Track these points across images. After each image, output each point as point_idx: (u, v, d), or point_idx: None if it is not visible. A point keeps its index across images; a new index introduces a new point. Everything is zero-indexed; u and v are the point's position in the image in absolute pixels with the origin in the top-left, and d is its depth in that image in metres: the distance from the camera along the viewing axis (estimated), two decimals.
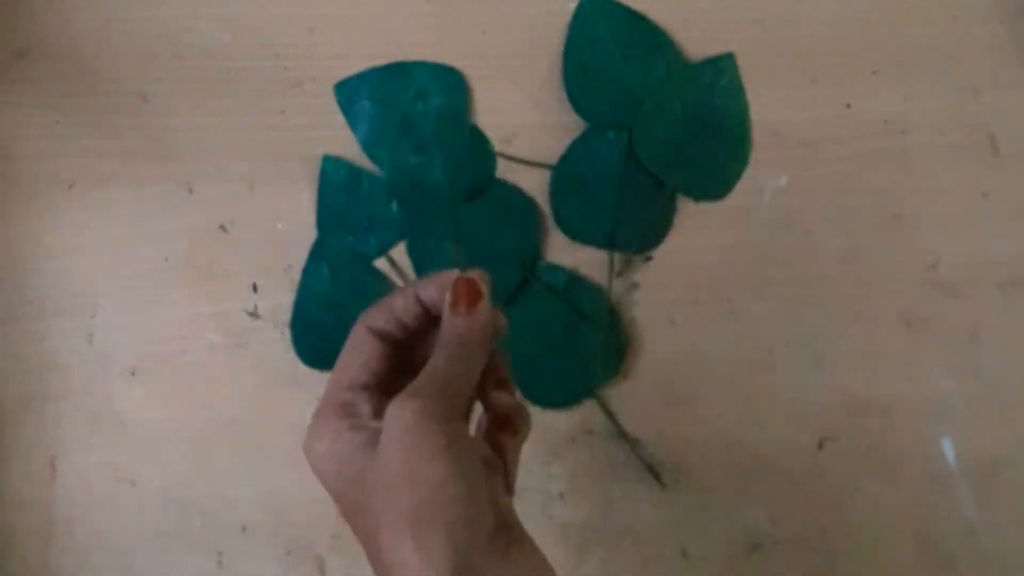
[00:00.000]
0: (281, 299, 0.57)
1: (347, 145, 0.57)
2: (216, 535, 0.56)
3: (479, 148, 0.57)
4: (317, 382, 0.56)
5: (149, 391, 0.57)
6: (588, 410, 0.56)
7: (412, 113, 0.46)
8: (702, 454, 0.56)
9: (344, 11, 0.58)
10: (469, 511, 0.35)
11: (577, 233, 0.57)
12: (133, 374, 0.57)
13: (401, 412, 0.36)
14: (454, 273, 0.40)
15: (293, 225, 0.57)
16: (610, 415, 0.56)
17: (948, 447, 0.56)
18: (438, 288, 0.40)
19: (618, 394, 0.56)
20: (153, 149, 0.58)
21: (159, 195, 0.57)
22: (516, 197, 0.57)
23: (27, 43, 0.58)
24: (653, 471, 0.55)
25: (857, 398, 0.56)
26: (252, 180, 0.58)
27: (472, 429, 0.42)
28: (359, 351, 0.40)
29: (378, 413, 0.38)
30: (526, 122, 0.57)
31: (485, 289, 0.40)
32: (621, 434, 0.56)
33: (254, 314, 0.57)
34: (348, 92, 0.58)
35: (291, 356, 0.57)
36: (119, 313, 0.57)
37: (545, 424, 0.56)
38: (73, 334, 0.57)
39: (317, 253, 0.57)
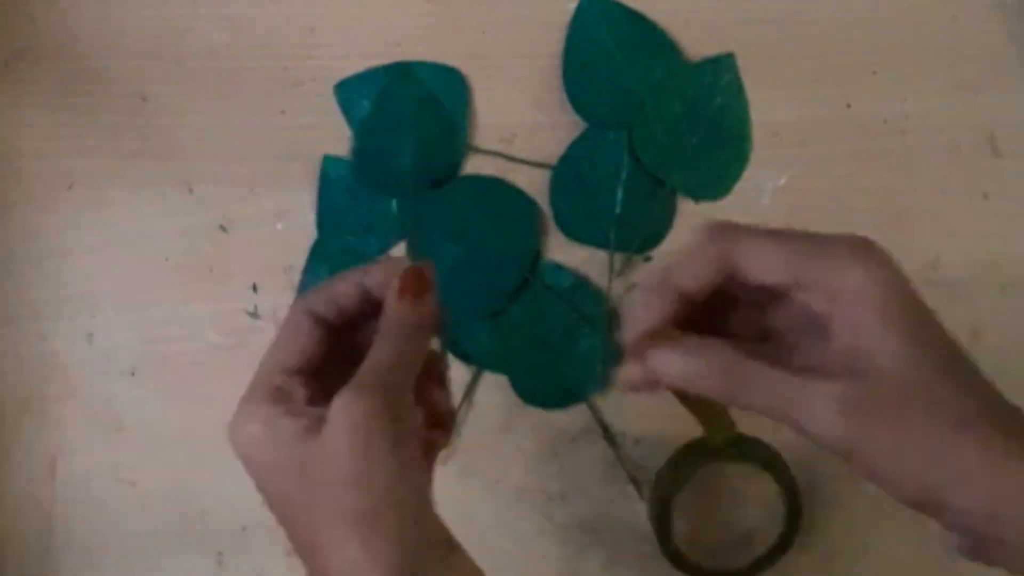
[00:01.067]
0: (281, 299, 0.57)
1: (347, 145, 0.57)
2: (216, 535, 0.56)
3: (452, 137, 0.56)
4: None
5: (149, 391, 0.57)
6: (588, 411, 0.56)
7: (392, 95, 0.45)
8: None
9: (344, 11, 0.58)
10: (417, 515, 0.35)
11: (577, 233, 0.57)
12: (133, 374, 0.57)
13: (348, 408, 0.34)
14: (401, 261, 0.39)
15: (293, 225, 0.57)
16: (601, 423, 0.56)
17: None
18: (383, 274, 0.39)
19: (618, 394, 0.56)
20: (153, 149, 0.58)
21: (159, 195, 0.57)
22: (516, 197, 0.57)
23: (27, 43, 0.58)
24: (635, 482, 0.55)
25: None
26: (252, 180, 0.58)
27: None
28: (294, 334, 0.39)
29: (313, 400, 0.37)
30: (526, 122, 0.57)
31: (433, 280, 0.38)
32: (609, 440, 0.56)
33: (254, 314, 0.57)
34: (348, 92, 0.57)
35: None
36: (119, 313, 0.57)
37: (545, 424, 0.56)
38: (73, 334, 0.57)
39: (317, 253, 0.57)
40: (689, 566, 0.54)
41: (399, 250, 0.57)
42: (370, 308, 0.39)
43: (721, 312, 0.37)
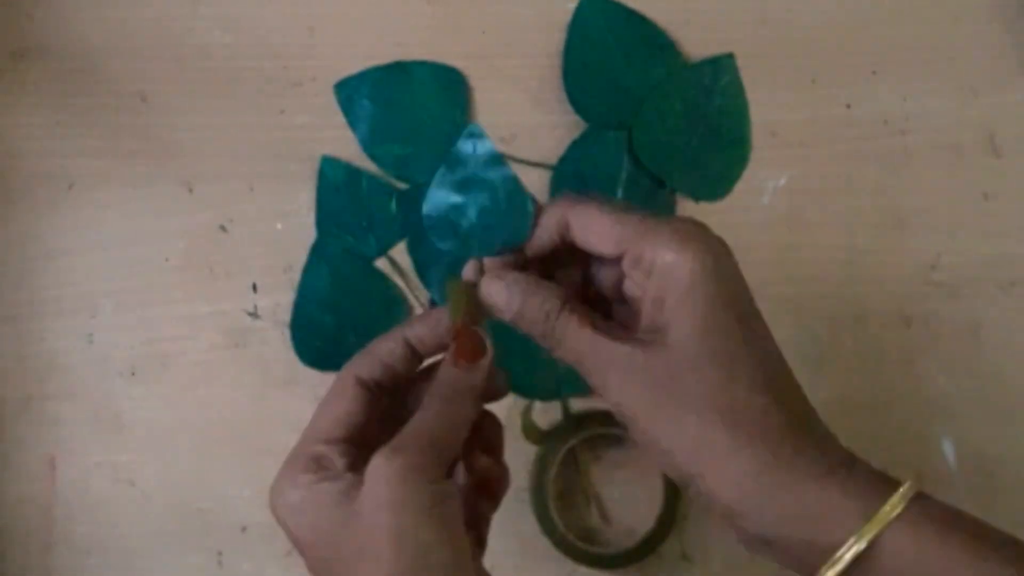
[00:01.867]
0: (281, 299, 0.57)
1: (347, 145, 0.57)
2: (216, 535, 0.56)
3: (518, 205, 0.48)
4: (317, 382, 0.56)
5: (149, 391, 0.57)
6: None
7: (462, 153, 0.44)
8: None
9: (344, 11, 0.58)
10: None
11: None
12: (133, 374, 0.57)
13: (385, 467, 0.34)
14: (443, 316, 0.39)
15: (293, 225, 0.57)
16: (566, 411, 0.56)
17: (948, 447, 0.56)
18: (427, 328, 0.39)
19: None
20: (153, 149, 0.58)
21: (159, 195, 0.57)
22: (515, 192, 0.57)
23: (27, 43, 0.58)
24: (601, 509, 0.55)
25: (857, 398, 0.56)
26: (252, 180, 0.57)
27: None
28: (339, 401, 0.39)
29: (353, 467, 0.37)
30: (526, 122, 0.57)
31: (489, 345, 0.39)
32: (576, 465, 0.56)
33: (254, 314, 0.57)
34: (348, 92, 0.58)
35: (291, 356, 0.57)
36: (119, 313, 0.57)
37: (545, 424, 0.56)
38: (73, 334, 0.57)
39: (317, 253, 0.57)
40: (571, 548, 0.54)
41: (399, 250, 0.57)
42: (420, 362, 0.40)
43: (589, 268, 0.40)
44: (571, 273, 0.41)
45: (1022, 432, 0.55)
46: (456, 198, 0.43)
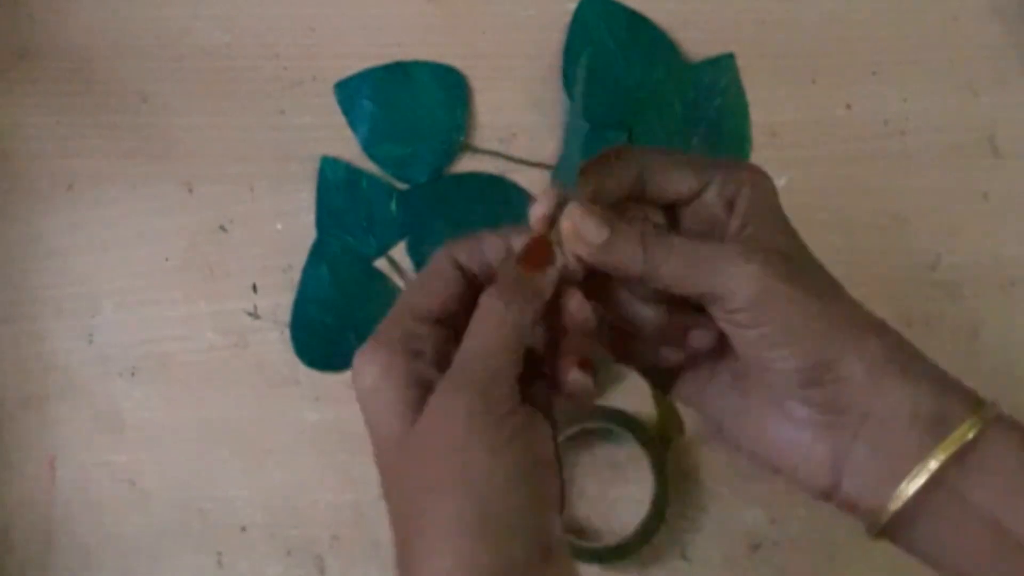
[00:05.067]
0: (281, 299, 0.57)
1: (347, 145, 0.57)
2: (216, 535, 0.56)
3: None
4: (317, 382, 0.56)
5: (149, 391, 0.57)
6: (587, 413, 0.56)
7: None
8: (703, 454, 0.56)
9: (344, 11, 0.58)
10: (526, 523, 0.32)
11: None
12: (133, 374, 0.57)
13: (449, 407, 0.32)
14: (540, 222, 0.35)
15: (293, 225, 0.57)
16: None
17: None
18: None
19: (618, 393, 0.56)
20: (153, 149, 0.58)
21: (159, 195, 0.57)
22: (514, 193, 0.57)
23: (27, 43, 0.58)
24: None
25: None
26: (252, 180, 0.58)
27: None
28: (436, 279, 0.35)
29: (440, 362, 0.34)
30: (526, 122, 0.57)
31: (560, 261, 0.35)
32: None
33: (254, 314, 0.57)
34: (348, 92, 0.58)
35: (291, 356, 0.57)
36: (119, 313, 0.57)
37: None
38: (73, 334, 0.57)
39: (317, 253, 0.57)
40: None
41: (399, 250, 0.57)
42: None
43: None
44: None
45: None
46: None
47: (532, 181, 0.57)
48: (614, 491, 0.56)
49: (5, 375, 0.57)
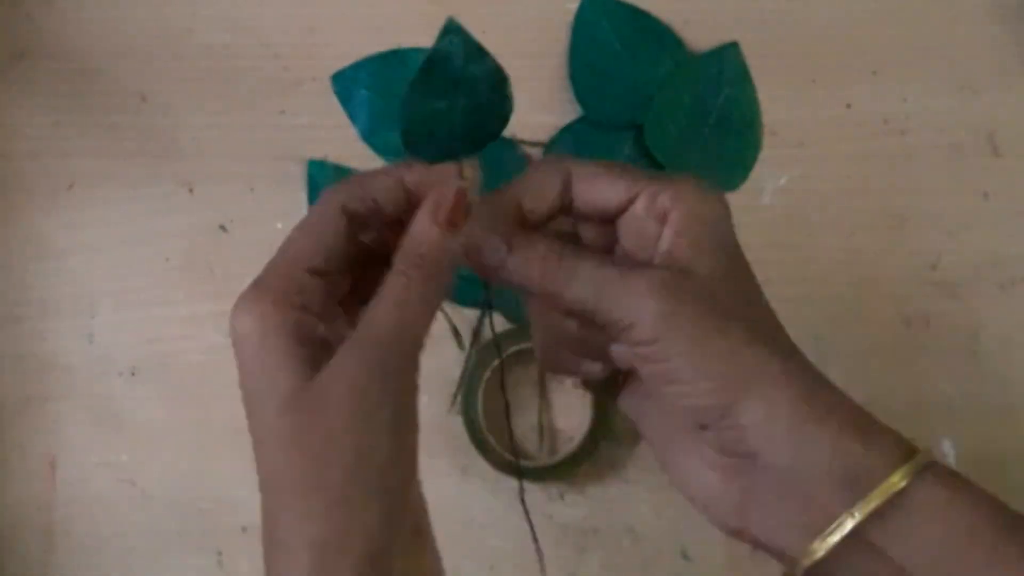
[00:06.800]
0: None
1: (347, 144, 0.57)
2: (216, 535, 0.56)
3: (500, 87, 0.48)
4: None
5: (149, 391, 0.57)
6: (585, 412, 0.56)
7: (437, 53, 0.41)
8: None
9: (344, 11, 0.58)
10: (400, 502, 0.32)
11: None
12: (133, 374, 0.57)
13: (351, 368, 0.31)
14: (452, 172, 0.34)
15: (293, 225, 0.57)
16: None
17: (948, 447, 0.56)
18: (429, 178, 0.34)
19: None
20: (153, 149, 0.58)
21: (159, 195, 0.57)
22: (516, 157, 0.57)
23: (27, 44, 0.58)
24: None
25: (857, 398, 0.56)
26: (252, 180, 0.58)
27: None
28: (319, 225, 0.34)
29: (324, 314, 0.33)
30: (528, 122, 0.57)
31: (475, 213, 0.34)
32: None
33: None
34: (345, 82, 0.57)
35: None
36: (119, 313, 0.57)
37: (544, 424, 0.56)
38: (73, 334, 0.57)
39: None
40: (502, 462, 0.54)
41: None
42: (410, 210, 0.34)
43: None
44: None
45: (1022, 432, 0.55)
46: (439, 104, 0.39)
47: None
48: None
49: (5, 375, 0.57)
